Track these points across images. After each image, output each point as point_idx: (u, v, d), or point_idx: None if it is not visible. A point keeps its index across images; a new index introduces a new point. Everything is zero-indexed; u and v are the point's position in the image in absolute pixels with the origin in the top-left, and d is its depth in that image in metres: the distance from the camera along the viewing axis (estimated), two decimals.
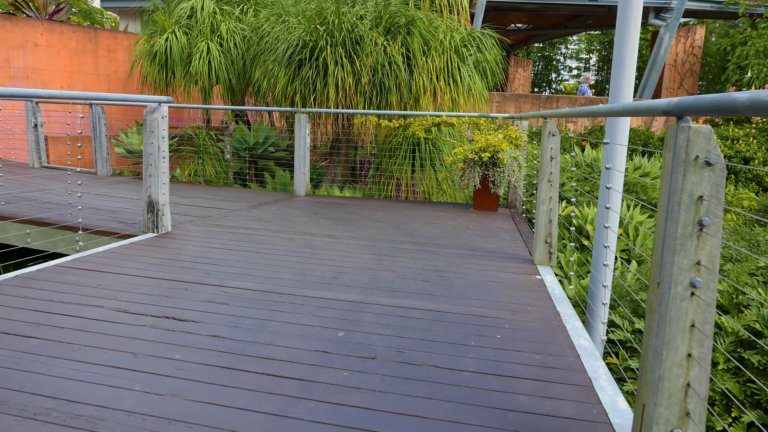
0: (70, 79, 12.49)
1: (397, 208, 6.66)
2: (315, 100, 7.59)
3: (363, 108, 7.51)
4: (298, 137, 7.32)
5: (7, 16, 11.59)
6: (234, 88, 9.27)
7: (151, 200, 4.77)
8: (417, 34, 7.56)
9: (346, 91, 7.39)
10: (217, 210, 6.17)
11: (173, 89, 9.40)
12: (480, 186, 6.45)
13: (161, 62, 9.24)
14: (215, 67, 8.95)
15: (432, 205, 7.03)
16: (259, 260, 4.08)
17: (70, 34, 12.40)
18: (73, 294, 3.18)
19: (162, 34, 9.25)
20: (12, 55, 11.58)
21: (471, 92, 7.83)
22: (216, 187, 8.14)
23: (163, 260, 3.98)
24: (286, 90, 7.64)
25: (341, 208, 6.53)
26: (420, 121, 6.90)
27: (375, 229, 5.40)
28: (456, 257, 4.38)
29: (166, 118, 4.76)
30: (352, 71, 7.40)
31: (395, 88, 7.44)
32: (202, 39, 9.03)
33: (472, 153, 6.34)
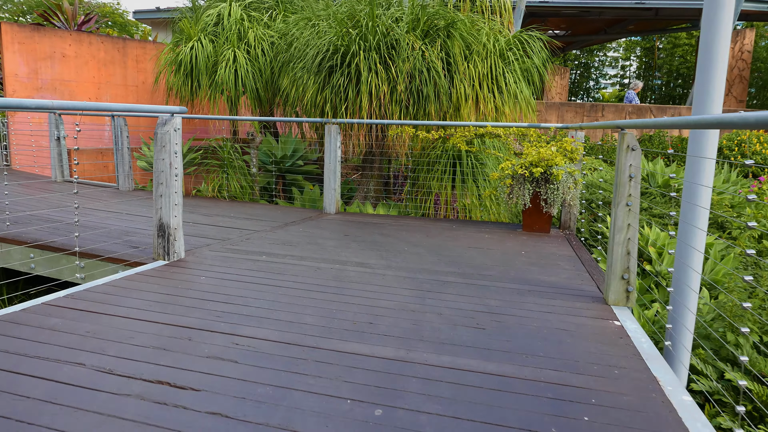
0: (98, 91, 12.24)
1: (436, 229, 6.00)
2: (347, 110, 7.02)
3: (399, 118, 6.89)
4: (329, 150, 6.74)
5: (36, 27, 11.40)
6: (261, 97, 8.78)
7: (162, 224, 4.22)
8: (458, 37, 6.92)
9: (381, 99, 6.79)
10: (239, 231, 5.61)
11: (199, 100, 8.96)
12: (530, 205, 5.74)
13: (186, 72, 8.81)
14: (242, 75, 8.46)
15: (475, 225, 6.34)
16: (279, 297, 3.47)
17: (99, 45, 12.16)
18: (53, 345, 2.62)
19: (187, 43, 8.83)
20: (40, 67, 11.37)
21: (517, 100, 7.14)
22: (241, 203, 7.61)
23: (169, 297, 3.40)
24: (315, 99, 7.08)
25: (375, 229, 5.90)
26: (462, 133, 6.24)
27: (414, 255, 4.75)
28: (512, 294, 3.70)
29: (179, 131, 4.21)
30: (387, 78, 6.80)
31: (434, 96, 6.81)
32: (229, 46, 8.56)
33: (521, 168, 5.65)
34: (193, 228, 5.68)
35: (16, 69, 11.07)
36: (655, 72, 32.41)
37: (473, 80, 6.94)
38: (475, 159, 6.87)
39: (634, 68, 37.37)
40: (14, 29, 11.05)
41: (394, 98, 6.86)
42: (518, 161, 5.77)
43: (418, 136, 6.50)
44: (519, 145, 6.05)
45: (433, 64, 6.78)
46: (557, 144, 5.85)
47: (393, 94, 6.86)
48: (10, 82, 11.02)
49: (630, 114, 13.77)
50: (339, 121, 6.65)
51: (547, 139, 6.13)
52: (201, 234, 5.40)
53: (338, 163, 6.77)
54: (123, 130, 8.22)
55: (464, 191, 6.94)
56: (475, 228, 6.14)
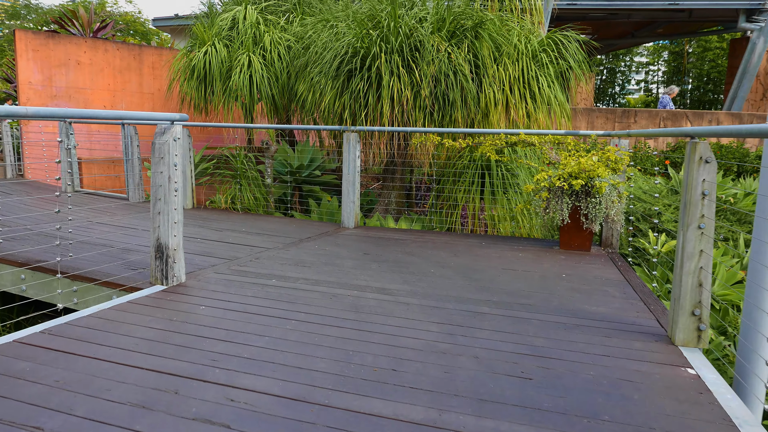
0: (114, 98, 11.98)
1: (464, 246, 5.48)
2: (367, 117, 6.55)
3: (423, 125, 6.40)
4: (347, 160, 6.27)
5: (50, 34, 11.19)
6: (277, 104, 8.36)
7: (160, 244, 3.78)
8: (486, 37, 6.42)
9: (403, 105, 6.31)
10: (249, 249, 5.16)
11: (213, 107, 8.58)
12: (569, 220, 5.20)
13: (200, 78, 8.44)
14: (257, 81, 8.06)
15: (507, 241, 5.81)
16: (288, 333, 2.99)
17: (114, 52, 11.91)
18: (12, 401, 2.17)
19: (201, 48, 8.46)
20: (54, 74, 11.15)
21: (550, 106, 6.60)
22: (254, 216, 7.18)
23: (161, 333, 2.94)
24: (333, 105, 6.63)
25: (397, 246, 5.41)
26: (492, 141, 5.72)
27: (441, 278, 4.24)
28: (558, 329, 3.16)
29: (179, 140, 3.78)
30: (410, 82, 6.32)
31: (461, 101, 6.30)
32: (243, 51, 8.17)
33: (559, 179, 5.11)
34: (200, 245, 5.25)
35: (30, 77, 10.86)
36: (685, 77, 31.45)
37: (503, 84, 6.43)
38: (505, 169, 6.34)
39: (661, 73, 36.40)
40: (28, 36, 10.84)
41: (418, 104, 6.37)
42: (555, 172, 5.23)
43: (444, 145, 6.00)
44: (555, 154, 5.51)
45: (460, 67, 6.28)
46: (599, 153, 5.30)
47: (416, 99, 6.37)
48: (23, 90, 10.80)
49: (665, 120, 13.10)
50: (358, 129, 6.19)
51: (587, 147, 5.58)
52: (208, 252, 4.95)
53: (357, 174, 6.30)
54: (133, 139, 7.87)
55: (493, 204, 6.41)
56: (506, 245, 5.61)
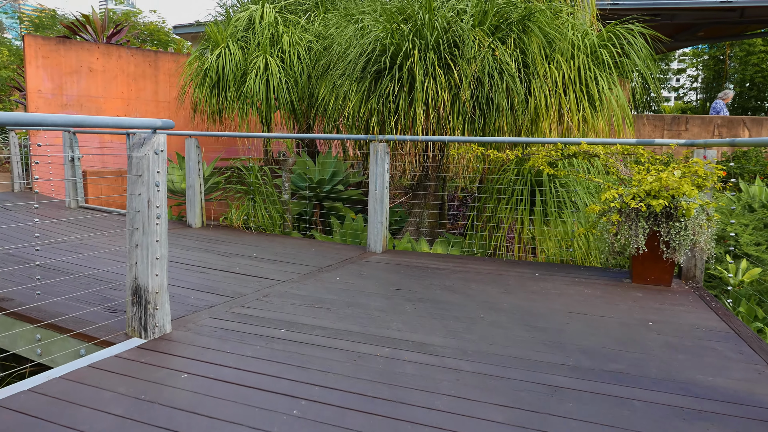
0: (127, 107, 11.37)
1: (515, 279, 4.56)
2: (397, 124, 5.70)
3: (462, 133, 5.51)
4: (374, 174, 5.41)
5: (61, 39, 10.64)
6: (297, 111, 7.57)
7: (138, 286, 2.96)
8: (536, 31, 5.51)
9: (439, 110, 5.44)
10: (258, 282, 4.32)
11: (227, 114, 7.83)
12: (645, 248, 4.24)
13: (212, 83, 7.70)
14: (274, 85, 7.28)
15: (564, 271, 4.87)
16: (292, 426, 2.12)
17: (129, 58, 11.32)
18: None
19: (214, 50, 7.73)
20: (65, 82, 10.57)
21: (611, 111, 5.66)
22: (269, 237, 6.36)
23: (117, 424, 2.10)
24: (358, 111, 5.79)
25: (434, 278, 4.52)
26: (545, 152, 4.80)
27: (494, 327, 3.33)
28: (673, 418, 2.23)
29: (162, 153, 2.96)
30: (448, 84, 5.45)
31: (507, 105, 5.40)
32: (260, 53, 7.40)
33: (634, 199, 4.17)
34: (201, 277, 4.43)
35: (40, 84, 10.29)
36: (725, 83, 29.99)
37: (556, 85, 5.51)
38: (560, 185, 5.40)
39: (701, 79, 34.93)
40: (38, 42, 10.29)
41: (456, 109, 5.49)
42: (627, 190, 4.29)
43: (488, 156, 5.10)
44: (626, 168, 4.56)
45: (506, 66, 5.39)
46: (681, 167, 4.35)
47: (455, 103, 5.50)
48: (32, 98, 10.24)
49: (719, 127, 11.98)
50: (387, 138, 5.34)
51: (664, 159, 4.62)
52: (207, 287, 4.13)
53: (386, 191, 5.44)
54: None
55: (545, 226, 5.47)
56: (565, 276, 4.67)
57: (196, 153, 6.59)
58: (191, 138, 6.59)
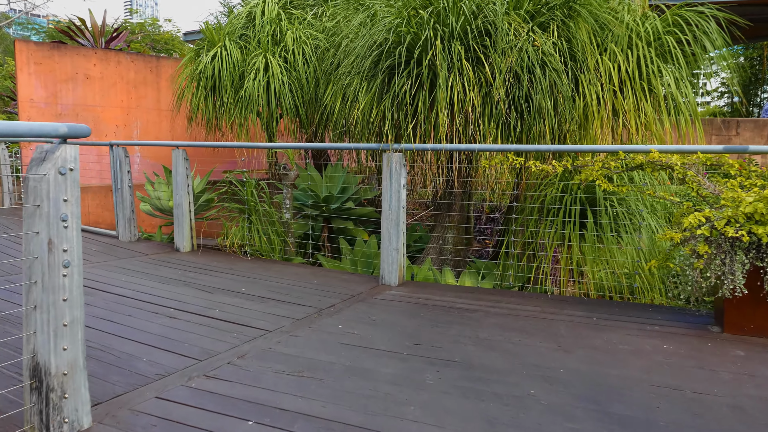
0: (127, 117, 10.61)
1: (568, 326, 3.54)
2: (415, 130, 4.74)
3: (495, 140, 4.52)
4: (387, 191, 4.46)
5: (55, 45, 9.92)
6: (302, 117, 6.66)
7: (38, 365, 2.03)
8: (585, 15, 4.52)
9: (467, 113, 4.47)
10: (237, 332, 3.38)
11: (225, 122, 6.95)
12: (745, 289, 3.20)
13: (209, 87, 6.83)
14: (275, 88, 6.38)
15: (628, 312, 3.83)
16: None
17: (128, 64, 10.57)
18: None
19: (210, 50, 6.87)
20: (60, 90, 9.84)
21: (679, 114, 4.63)
22: (267, 263, 5.43)
23: None
24: (368, 115, 4.85)
25: (464, 326, 3.53)
26: (604, 162, 3.79)
27: (554, 414, 2.33)
28: None
29: (72, 173, 2.04)
30: (477, 81, 4.48)
31: (551, 105, 4.41)
32: (259, 52, 6.52)
33: (730, 224, 3.15)
34: (167, 325, 3.50)
35: (32, 93, 9.57)
36: (765, 85, 28.44)
37: (611, 81, 4.50)
38: (618, 203, 4.37)
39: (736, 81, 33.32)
40: (30, 48, 9.59)
41: (488, 111, 4.51)
42: (718, 213, 3.26)
43: (528, 168, 4.11)
44: (714, 186, 3.53)
45: (549, 58, 4.40)
46: None
47: (486, 104, 4.52)
48: (24, 108, 9.52)
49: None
50: (403, 148, 4.38)
51: (762, 173, 3.58)
52: (170, 342, 3.19)
53: (402, 211, 4.47)
54: (123, 163, 6.29)
55: (597, 254, 4.43)
56: (631, 321, 3.64)
57: (184, 166, 5.71)
58: (178, 149, 5.72)
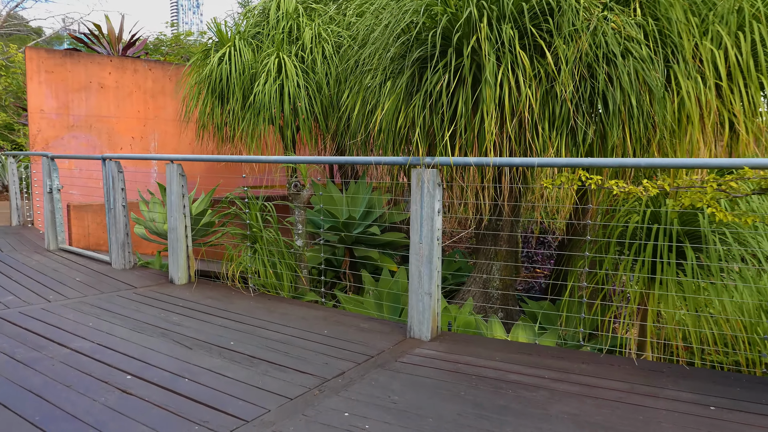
0: (144, 128, 9.92)
1: (674, 419, 2.44)
2: (454, 138, 3.72)
3: (559, 152, 3.46)
4: (417, 217, 3.44)
5: (68, 52, 9.32)
6: (321, 125, 5.73)
7: None
8: None
9: (522, 116, 3.42)
10: (199, 425, 2.40)
11: (238, 131, 6.07)
12: None
13: (216, 92, 5.98)
14: (290, 92, 5.47)
15: (755, 395, 2.70)
16: None
17: (146, 72, 9.89)
18: None
19: (219, 50, 6.02)
20: (72, 100, 9.21)
21: None
22: (272, 302, 4.47)
23: None
24: (394, 120, 3.85)
25: (523, 418, 2.47)
26: (721, 182, 2.69)
27: None
28: None
29: None
30: (536, 75, 3.44)
31: (635, 107, 3.32)
32: (272, 50, 5.63)
33: None
34: (108, 407, 2.56)
35: (43, 103, 8.96)
36: None
37: (715, 74, 3.39)
38: (729, 236, 3.24)
39: None
40: (41, 56, 8.99)
41: (548, 113, 3.46)
42: None
43: (607, 190, 3.03)
44: None
45: (632, 44, 3.32)
46: None
47: (546, 105, 3.47)
48: (34, 119, 8.91)
49: None
50: (439, 162, 3.37)
51: None
52: None
53: (436, 243, 3.45)
54: (116, 180, 5.46)
55: (702, 304, 3.30)
56: (763, 410, 2.52)
57: (179, 184, 4.83)
58: (172, 164, 4.84)
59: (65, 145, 9.13)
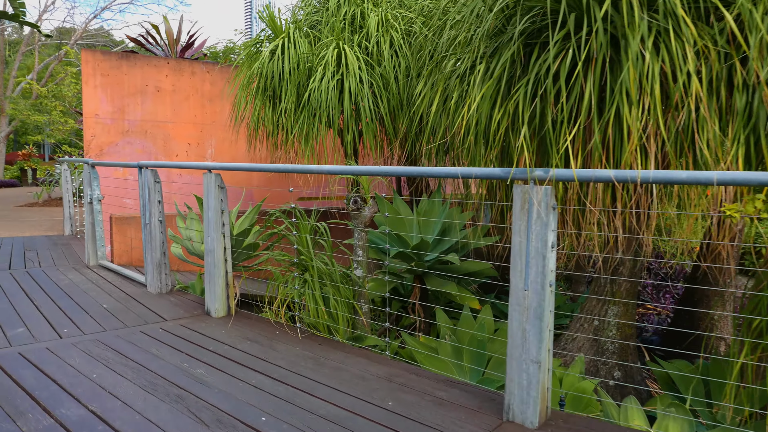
0: (201, 134, 9.37)
1: None
2: (575, 146, 2.68)
3: (734, 161, 2.37)
4: (522, 252, 2.43)
5: (124, 55, 8.89)
6: (388, 128, 4.80)
7: None
8: None
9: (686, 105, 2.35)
10: None
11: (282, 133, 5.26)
12: None
13: (268, 90, 5.18)
14: (351, 88, 4.58)
15: None
16: None
17: (203, 75, 9.34)
18: None
19: (272, 42, 5.23)
20: (127, 104, 8.76)
21: None
22: (323, 347, 3.56)
23: None
24: (489, 119, 2.85)
25: None
26: None
27: None
28: None
29: None
30: (702, 50, 2.36)
31: None
32: (332, 40, 4.76)
33: None
34: None
35: (97, 107, 8.54)
36: None
37: None
38: None
39: None
40: (97, 58, 8.59)
41: (723, 104, 2.37)
42: None
43: None
44: None
45: None
46: None
47: (714, 93, 2.38)
48: (89, 124, 8.50)
49: None
50: (555, 176, 2.35)
51: None
52: None
53: (549, 291, 2.42)
54: (152, 191, 4.74)
55: None
56: None
57: (218, 197, 4.02)
58: (210, 173, 4.04)
59: (120, 152, 8.68)
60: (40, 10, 24.54)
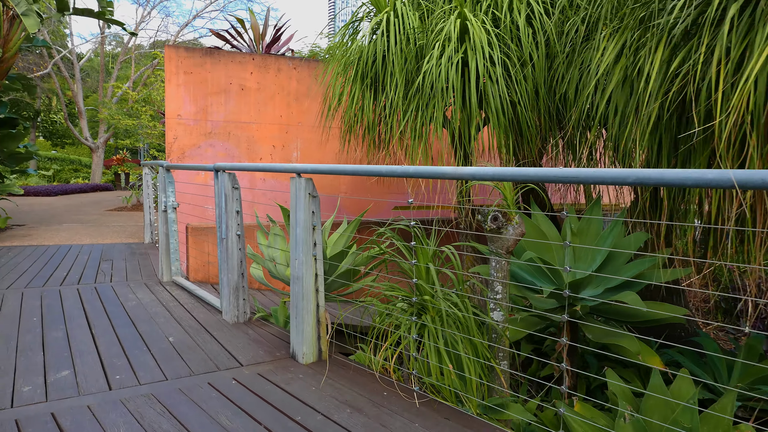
0: (286, 136, 8.63)
1: None
2: None
3: None
4: None
5: (208, 51, 8.30)
6: (523, 122, 3.70)
7: None
8: None
9: None
10: None
11: (387, 128, 4.27)
12: None
13: (368, 77, 4.22)
14: (477, 71, 3.52)
15: None
16: None
17: (290, 72, 8.60)
18: None
19: (373, 19, 4.26)
20: (210, 104, 8.15)
21: None
22: (450, 421, 2.51)
23: None
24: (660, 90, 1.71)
25: None
26: None
27: None
28: None
29: None
30: None
31: None
32: (453, 6, 3.73)
33: None
34: None
35: (180, 107, 7.99)
36: None
37: None
38: None
39: None
40: (180, 55, 8.04)
41: None
42: None
43: None
44: None
45: None
46: None
47: None
48: (171, 125, 7.95)
49: None
50: None
51: None
52: None
53: None
54: (229, 199, 3.89)
55: None
56: None
57: (308, 209, 3.07)
58: (299, 177, 3.11)
59: (202, 154, 8.09)
60: (137, 20, 25.29)
